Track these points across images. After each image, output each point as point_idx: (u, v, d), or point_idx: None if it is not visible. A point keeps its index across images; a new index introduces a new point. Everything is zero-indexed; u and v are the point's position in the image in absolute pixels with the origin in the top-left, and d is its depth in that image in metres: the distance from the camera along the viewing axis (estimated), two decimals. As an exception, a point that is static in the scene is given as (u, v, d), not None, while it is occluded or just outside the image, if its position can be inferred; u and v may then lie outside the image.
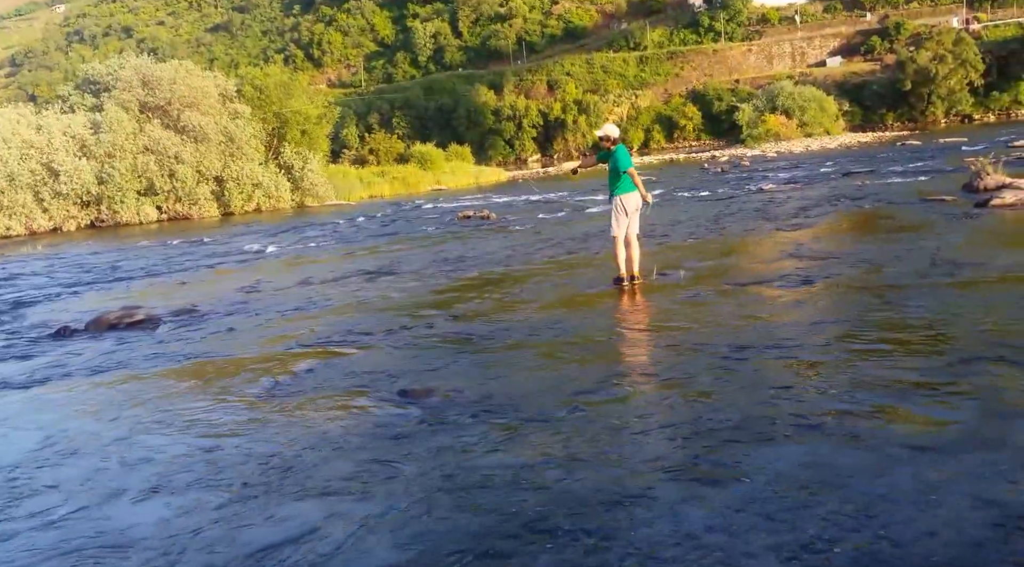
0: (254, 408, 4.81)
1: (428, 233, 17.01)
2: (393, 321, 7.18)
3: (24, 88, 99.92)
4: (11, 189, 28.77)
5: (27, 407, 5.39)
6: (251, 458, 3.94)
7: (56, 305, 10.13)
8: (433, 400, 4.67)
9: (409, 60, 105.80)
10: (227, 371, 5.86)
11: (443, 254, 12.41)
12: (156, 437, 4.41)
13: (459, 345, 6.06)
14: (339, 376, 5.39)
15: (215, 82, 35.05)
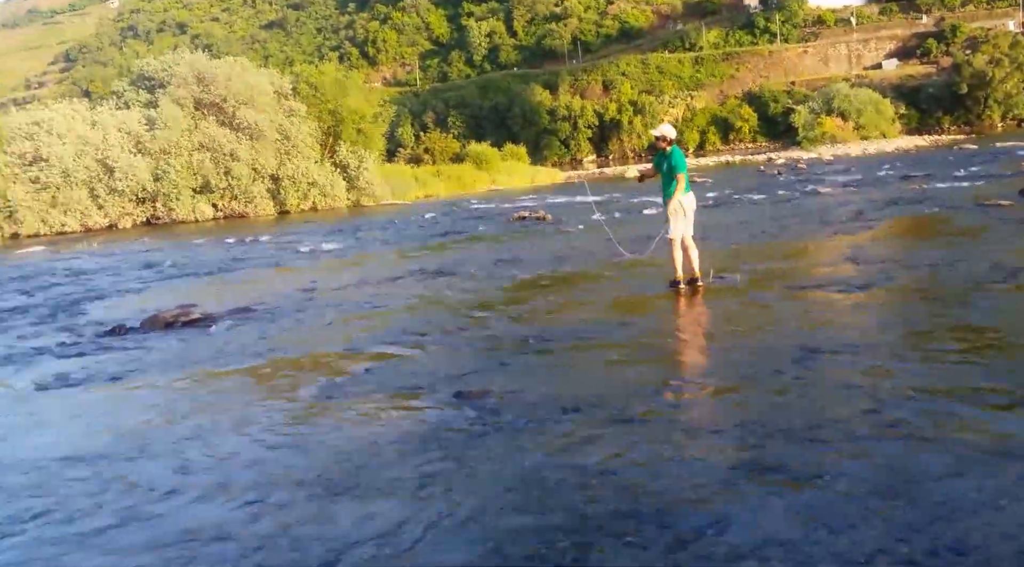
0: (312, 409, 4.77)
1: (484, 233, 16.94)
2: (449, 322, 7.12)
3: (78, 83, 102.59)
4: (67, 186, 29.14)
5: (86, 406, 5.42)
6: (314, 458, 3.91)
7: (112, 302, 10.28)
8: (490, 401, 4.59)
9: (464, 59, 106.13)
10: (284, 371, 5.84)
11: (499, 254, 12.31)
12: (219, 436, 4.39)
13: (516, 346, 5.96)
14: (396, 377, 5.34)
15: (270, 79, 35.16)
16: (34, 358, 6.91)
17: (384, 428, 4.27)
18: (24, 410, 5.33)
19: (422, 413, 4.50)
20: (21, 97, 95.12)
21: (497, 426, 4.15)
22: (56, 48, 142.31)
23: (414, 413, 4.51)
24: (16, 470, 4.08)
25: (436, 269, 11.00)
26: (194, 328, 7.71)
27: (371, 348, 6.29)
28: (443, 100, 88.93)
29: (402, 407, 4.63)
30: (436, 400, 4.71)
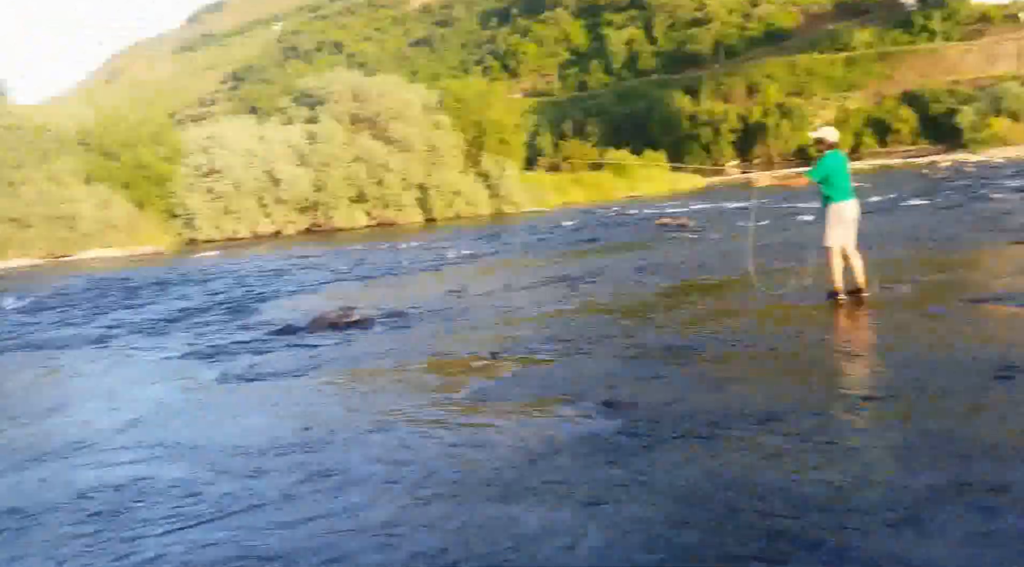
0: (465, 411, 4.90)
1: (625, 240, 16.87)
2: (595, 329, 7.12)
3: (246, 101, 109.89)
4: (238, 195, 31.46)
5: (268, 398, 5.78)
6: (467, 459, 3.99)
7: (280, 303, 10.96)
8: (640, 412, 4.54)
9: (602, 67, 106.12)
10: (437, 372, 6.04)
11: (642, 261, 12.22)
12: (386, 432, 4.57)
13: (663, 356, 5.88)
14: (543, 383, 5.38)
15: (418, 94, 36.77)
16: (214, 354, 7.47)
17: (537, 434, 4.31)
18: (213, 402, 5.74)
19: (573, 420, 4.50)
20: (196, 114, 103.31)
21: (653, 437, 4.09)
22: (226, 68, 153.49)
23: (565, 420, 4.52)
24: (228, 455, 4.42)
25: (578, 276, 11.04)
26: (354, 329, 8.12)
27: (518, 352, 6.38)
28: (582, 109, 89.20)
29: (552, 414, 4.65)
30: (585, 408, 4.69)
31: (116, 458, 4.50)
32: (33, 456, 4.68)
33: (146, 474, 4.18)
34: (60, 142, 28.94)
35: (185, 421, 5.21)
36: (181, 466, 4.28)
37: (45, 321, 10.82)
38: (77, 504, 3.82)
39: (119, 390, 6.32)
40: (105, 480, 4.12)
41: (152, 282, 15.39)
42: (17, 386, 6.81)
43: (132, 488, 3.98)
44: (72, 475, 4.26)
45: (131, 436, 4.93)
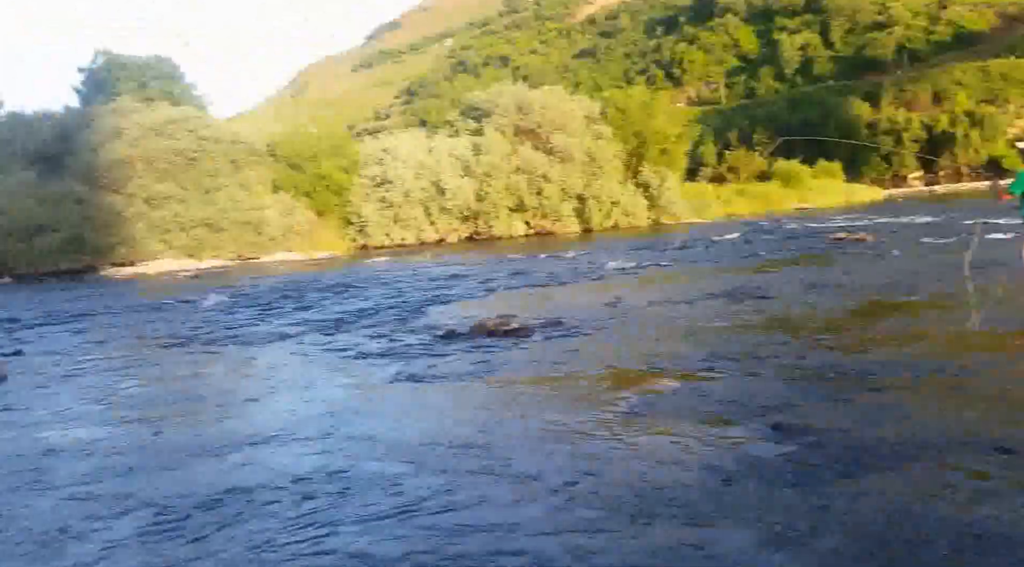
0: (624, 425, 4.84)
1: (794, 255, 16.16)
2: (759, 347, 6.84)
3: (417, 114, 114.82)
4: (406, 204, 32.94)
5: (438, 400, 5.97)
6: (643, 476, 3.93)
7: (444, 309, 11.32)
8: (811, 437, 4.30)
9: (773, 74, 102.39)
10: (594, 384, 6.01)
11: (812, 278, 11.65)
12: (555, 444, 4.58)
13: (837, 379, 5.56)
14: (704, 401, 5.24)
15: (580, 105, 37.09)
16: (385, 355, 7.80)
17: (702, 454, 4.19)
18: (390, 400, 5.98)
19: (739, 442, 4.35)
20: (372, 127, 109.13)
21: (827, 465, 3.87)
22: (401, 84, 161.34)
23: (730, 441, 4.38)
24: (417, 451, 4.60)
25: (743, 290, 10.67)
26: (512, 337, 8.25)
27: (679, 367, 6.24)
28: (749, 117, 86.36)
29: (716, 434, 4.50)
30: (752, 430, 4.52)
31: (310, 448, 4.78)
32: (231, 444, 5.04)
33: (342, 465, 4.41)
34: (251, 153, 31.42)
35: (368, 417, 5.47)
36: (376, 459, 4.48)
37: (237, 318, 11.75)
38: (278, 489, 4.08)
39: (304, 385, 6.74)
40: (302, 468, 4.39)
41: (329, 285, 16.34)
42: (212, 378, 7.42)
43: (330, 477, 4.21)
44: (271, 462, 4.57)
45: (320, 428, 5.23)
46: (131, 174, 28.99)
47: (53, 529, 3.73)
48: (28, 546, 3.55)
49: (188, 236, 28.72)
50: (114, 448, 5.08)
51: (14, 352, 9.69)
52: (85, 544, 3.52)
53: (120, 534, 3.61)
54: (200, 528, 3.61)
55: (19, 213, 26.74)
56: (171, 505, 3.91)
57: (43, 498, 4.20)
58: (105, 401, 6.58)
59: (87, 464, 4.76)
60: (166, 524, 3.68)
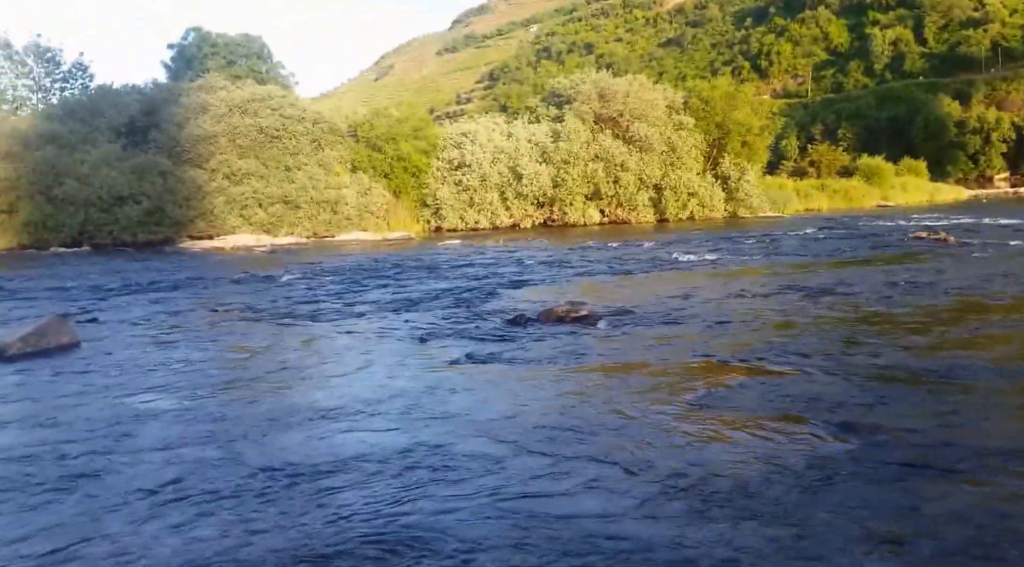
0: (690, 418, 4.85)
1: (873, 253, 15.71)
2: (832, 345, 6.75)
3: (498, 99, 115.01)
4: (482, 188, 32.96)
5: (508, 384, 6.08)
6: (695, 468, 3.95)
7: (513, 294, 11.41)
8: (881, 437, 4.26)
9: (862, 69, 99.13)
10: (661, 374, 6.02)
11: (891, 277, 11.34)
12: (607, 433, 4.63)
13: (911, 381, 5.46)
14: (772, 396, 5.20)
15: (663, 95, 36.57)
16: (455, 335, 7.94)
17: (769, 449, 4.19)
18: (461, 380, 6.07)
19: (807, 439, 4.32)
20: (452, 111, 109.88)
21: (898, 468, 3.83)
22: (483, 69, 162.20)
23: (797, 438, 4.36)
24: (501, 430, 4.71)
25: (819, 287, 10.47)
26: (582, 324, 8.29)
27: (747, 362, 6.21)
28: (834, 111, 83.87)
29: (784, 430, 4.48)
30: (820, 428, 4.48)
31: (383, 425, 4.92)
32: (309, 416, 5.22)
33: (411, 443, 4.53)
34: (332, 133, 31.86)
35: (435, 398, 5.54)
36: (445, 440, 4.57)
37: (311, 295, 12.05)
38: (358, 463, 4.24)
39: (375, 362, 6.90)
40: (379, 444, 4.53)
41: (401, 265, 16.62)
42: (287, 353, 7.62)
43: (401, 455, 4.34)
44: (347, 437, 4.71)
45: (390, 406, 5.36)
46: (214, 150, 29.64)
47: (141, 492, 3.93)
48: (121, 508, 3.77)
49: (266, 212, 29.28)
50: (192, 416, 5.26)
51: (90, 319, 9.93)
52: (175, 508, 3.72)
53: (205, 500, 3.78)
54: (287, 498, 3.77)
55: (102, 183, 27.40)
56: (254, 474, 4.06)
57: (126, 463, 4.41)
58: (181, 371, 6.78)
59: (166, 431, 4.94)
60: (251, 492, 3.82)
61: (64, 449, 4.55)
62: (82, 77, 44.36)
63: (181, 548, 3.19)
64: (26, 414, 5.40)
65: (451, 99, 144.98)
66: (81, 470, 4.20)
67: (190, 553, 3.14)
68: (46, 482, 4.01)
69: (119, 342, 8.23)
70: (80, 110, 31.45)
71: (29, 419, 5.27)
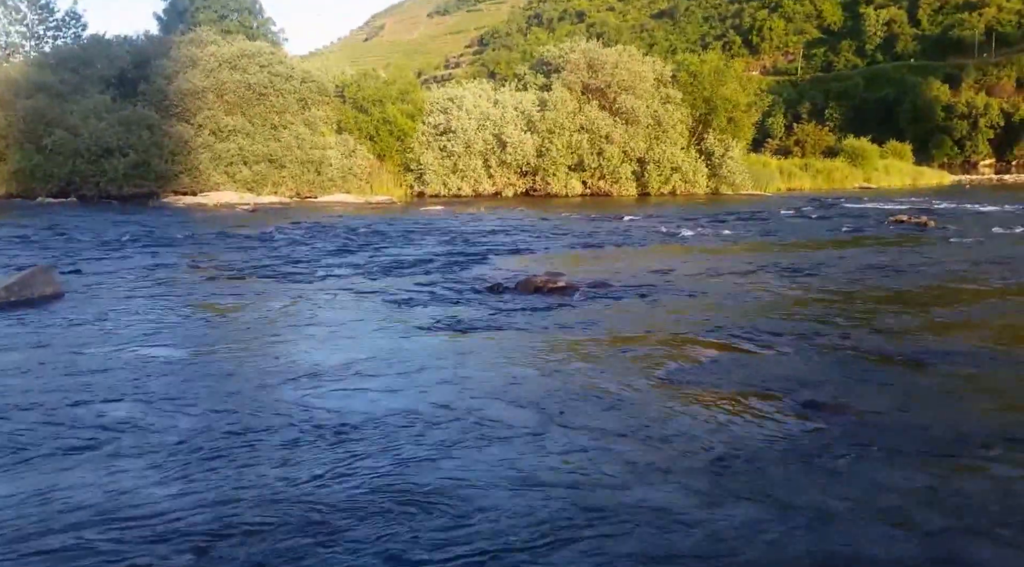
0: (661, 390, 4.91)
1: (851, 234, 15.82)
2: (805, 325, 6.81)
3: (487, 65, 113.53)
4: (466, 155, 32.55)
5: (490, 351, 6.10)
6: (669, 443, 4.00)
7: (492, 262, 11.42)
8: (846, 417, 4.33)
9: (854, 48, 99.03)
10: (633, 346, 6.07)
11: (869, 259, 11.44)
12: (577, 402, 4.69)
13: (881, 362, 5.54)
14: (742, 374, 5.26)
15: (652, 67, 36.16)
16: (431, 302, 7.94)
17: (733, 425, 4.26)
18: (426, 350, 6.06)
19: (774, 417, 4.38)
20: (440, 75, 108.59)
21: (857, 448, 3.89)
22: (473, 33, 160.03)
23: (765, 415, 4.42)
24: (438, 401, 4.76)
25: (796, 267, 10.55)
26: (558, 294, 8.31)
27: (720, 339, 6.26)
28: (823, 91, 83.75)
29: (747, 408, 4.54)
30: (784, 406, 4.55)
31: (351, 387, 4.97)
32: (280, 377, 5.26)
33: (366, 408, 4.58)
34: (320, 92, 31.38)
35: (405, 363, 5.57)
36: (406, 406, 4.63)
37: (291, 254, 12.03)
38: (324, 424, 4.26)
39: (347, 325, 6.93)
40: (345, 407, 4.58)
41: (383, 229, 16.56)
42: (262, 312, 7.61)
43: (363, 417, 4.39)
44: (311, 400, 4.77)
45: (361, 369, 5.39)
46: (202, 105, 29.31)
47: (121, 443, 3.96)
48: (100, 459, 3.78)
49: (250, 170, 28.99)
50: (172, 369, 5.33)
51: (73, 270, 9.99)
52: (152, 462, 3.76)
53: (185, 456, 3.83)
54: (253, 456, 3.81)
55: (90, 135, 27.23)
56: (235, 431, 4.11)
57: (102, 413, 4.45)
58: (162, 323, 6.85)
59: (146, 382, 5.00)
60: (233, 449, 3.87)
61: (41, 398, 4.60)
62: (75, 26, 44.08)
63: (165, 502, 3.21)
64: (6, 363, 5.44)
65: (440, 63, 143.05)
66: (57, 419, 4.24)
67: (181, 507, 3.16)
68: (22, 431, 4.04)
69: (102, 294, 8.29)
70: (72, 60, 31.01)
71: (10, 369, 5.31)
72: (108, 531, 2.99)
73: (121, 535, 2.95)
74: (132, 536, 2.94)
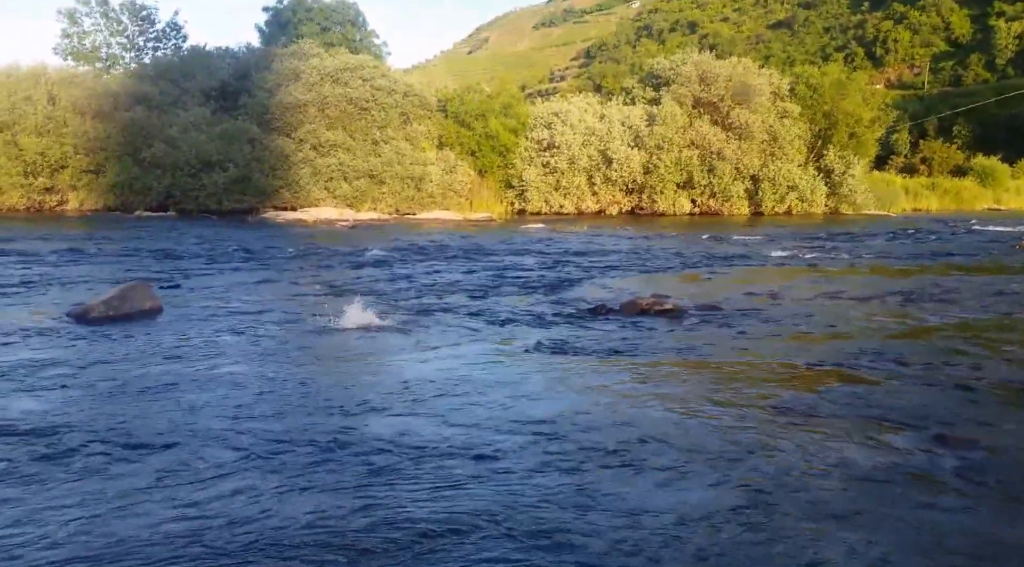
0: (777, 422, 4.65)
1: (981, 259, 14.86)
2: (932, 354, 6.37)
3: (592, 78, 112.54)
4: (570, 172, 31.95)
5: (576, 375, 5.99)
6: (780, 475, 3.82)
7: (596, 282, 11.25)
8: (977, 454, 4.03)
9: (984, 62, 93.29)
10: (744, 375, 5.82)
11: (997, 286, 10.69)
12: (688, 432, 4.52)
13: (1010, 395, 5.17)
14: (861, 404, 4.96)
15: (769, 79, 34.97)
16: (531, 325, 7.80)
17: (857, 460, 3.99)
18: (530, 372, 5.94)
19: (899, 452, 4.10)
20: (545, 89, 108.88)
21: (992, 486, 3.64)
22: (580, 45, 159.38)
23: (888, 450, 4.13)
24: (546, 427, 4.70)
25: (921, 292, 9.93)
26: (665, 317, 8.09)
27: (838, 367, 5.92)
28: (951, 106, 79.14)
29: (875, 441, 4.26)
30: (910, 438, 4.27)
31: (450, 414, 4.93)
32: (377, 399, 5.29)
33: (474, 435, 4.53)
34: (422, 106, 31.15)
35: (508, 386, 5.48)
36: (509, 430, 4.58)
37: (391, 274, 12.13)
38: (424, 449, 4.28)
39: (457, 346, 6.90)
40: (439, 435, 4.57)
41: (484, 248, 16.62)
42: (362, 333, 7.59)
43: (464, 447, 4.37)
44: (411, 424, 4.78)
45: (460, 392, 5.34)
46: (303, 119, 29.22)
47: (205, 460, 4.07)
48: (187, 474, 3.90)
49: (351, 186, 28.80)
50: (267, 388, 5.32)
51: (173, 285, 10.11)
52: (236, 480, 3.83)
53: (265, 473, 3.88)
54: (342, 478, 3.83)
55: (190, 148, 27.16)
56: (319, 450, 4.11)
57: (194, 430, 4.55)
58: (260, 342, 6.82)
59: (239, 400, 5.02)
60: (315, 470, 3.88)
61: (130, 414, 4.67)
62: (175, 37, 43.52)
63: (242, 516, 3.26)
64: (102, 377, 5.49)
65: (544, 76, 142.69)
66: (148, 435, 4.29)
67: (252, 522, 3.20)
68: (110, 445, 4.11)
69: (200, 310, 8.33)
70: (172, 71, 31.43)
71: (105, 382, 5.37)
72: (187, 547, 3.04)
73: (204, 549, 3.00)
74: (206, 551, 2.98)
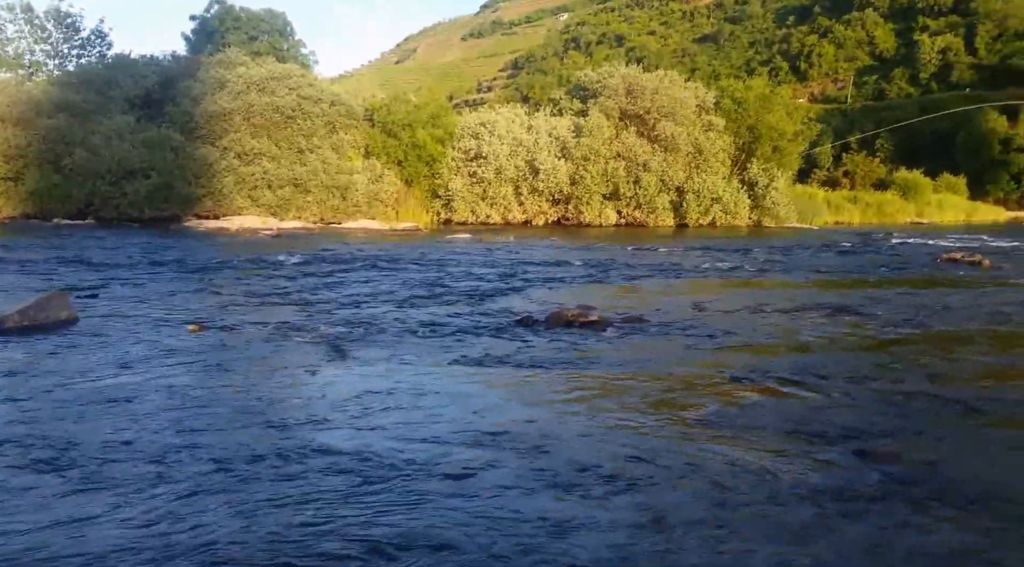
0: (693, 434, 4.57)
1: (901, 272, 15.22)
2: (852, 367, 6.39)
3: (520, 89, 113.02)
4: (497, 181, 31.87)
5: (498, 387, 5.82)
6: (695, 486, 3.74)
7: (522, 293, 11.10)
8: (897, 468, 4.00)
9: (907, 77, 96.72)
10: (667, 387, 5.72)
11: (919, 299, 10.90)
12: (606, 443, 4.38)
13: (934, 409, 5.17)
14: (785, 418, 4.91)
15: (695, 93, 35.45)
16: (455, 336, 7.62)
17: (774, 473, 3.93)
18: (452, 384, 5.80)
19: (816, 465, 4.05)
20: (472, 99, 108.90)
21: (907, 500, 3.61)
22: (508, 57, 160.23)
23: (806, 463, 4.08)
24: (464, 438, 4.47)
25: (841, 306, 10.03)
26: (590, 329, 7.97)
27: (762, 380, 5.87)
28: (874, 120, 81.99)
29: (793, 454, 4.21)
30: (832, 452, 4.24)
31: (365, 426, 4.73)
32: (293, 410, 5.06)
33: (389, 447, 4.30)
34: (348, 116, 30.79)
35: (428, 397, 5.35)
36: (426, 441, 4.37)
37: (312, 283, 11.79)
38: (327, 459, 3.99)
39: (377, 357, 6.67)
40: (357, 444, 4.33)
41: (408, 258, 16.34)
42: (280, 343, 7.38)
43: (376, 459, 4.13)
44: (327, 436, 4.54)
45: (379, 406, 5.12)
46: (228, 127, 28.85)
47: (122, 474, 3.81)
48: (103, 488, 3.63)
49: (275, 195, 28.47)
50: (178, 400, 5.16)
51: (90, 295, 9.86)
52: (152, 495, 3.57)
53: (184, 485, 3.66)
54: (259, 490, 3.60)
55: (112, 156, 26.79)
56: (234, 460, 3.99)
57: (104, 443, 4.29)
58: (176, 352, 6.64)
59: (149, 411, 4.86)
60: (229, 480, 3.72)
61: (46, 426, 4.51)
62: (100, 45, 42.51)
63: (168, 533, 2.98)
64: (15, 388, 5.36)
65: (472, 86, 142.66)
66: (58, 448, 4.13)
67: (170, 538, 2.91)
68: (24, 458, 3.96)
69: (117, 320, 8.13)
70: (96, 79, 30.79)
71: (18, 393, 5.22)
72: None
73: None
74: None
